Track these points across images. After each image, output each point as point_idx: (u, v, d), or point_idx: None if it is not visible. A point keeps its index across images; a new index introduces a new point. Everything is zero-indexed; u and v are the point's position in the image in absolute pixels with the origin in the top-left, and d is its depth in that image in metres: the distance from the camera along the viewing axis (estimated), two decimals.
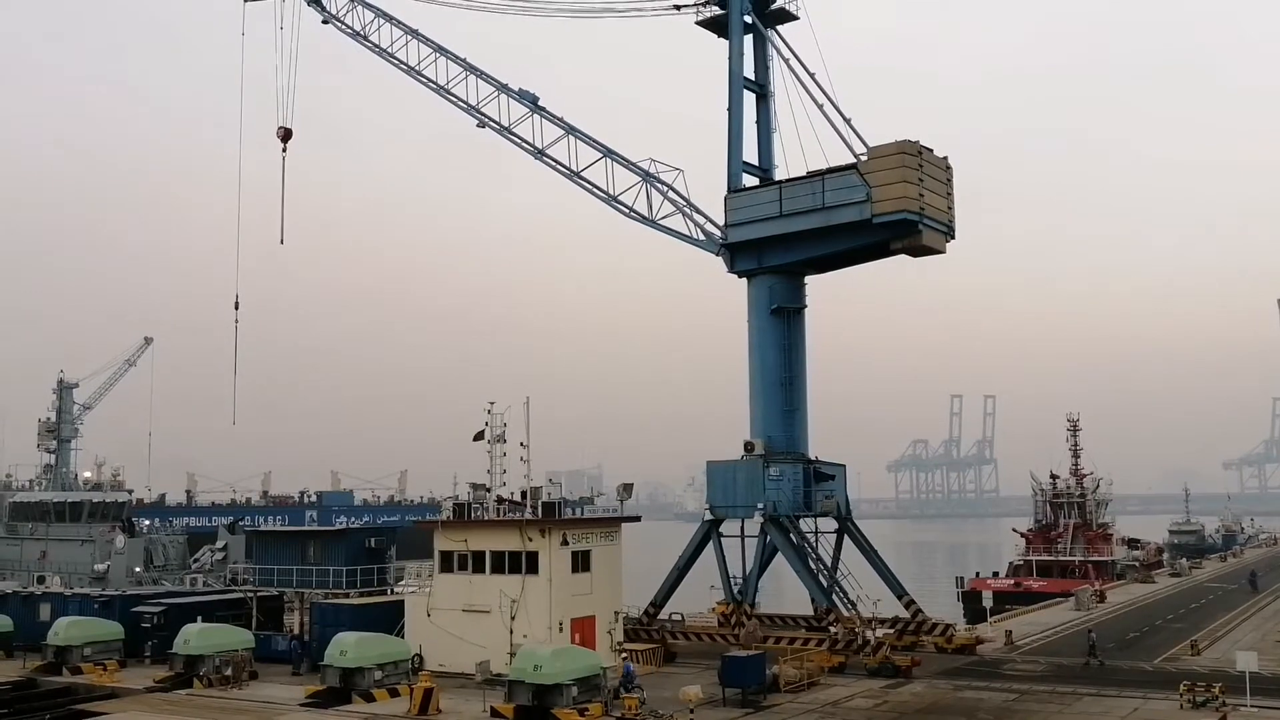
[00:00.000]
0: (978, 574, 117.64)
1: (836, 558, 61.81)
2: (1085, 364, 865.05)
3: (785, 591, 64.05)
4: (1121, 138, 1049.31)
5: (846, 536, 62.79)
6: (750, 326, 63.63)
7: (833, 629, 56.01)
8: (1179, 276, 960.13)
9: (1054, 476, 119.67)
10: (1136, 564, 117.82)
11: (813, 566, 59.85)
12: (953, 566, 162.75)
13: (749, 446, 61.71)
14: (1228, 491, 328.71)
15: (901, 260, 62.20)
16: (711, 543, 62.01)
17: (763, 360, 62.68)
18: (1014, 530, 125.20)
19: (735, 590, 61.41)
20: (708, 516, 62.46)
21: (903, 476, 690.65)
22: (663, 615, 62.26)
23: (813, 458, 62.89)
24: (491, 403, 53.10)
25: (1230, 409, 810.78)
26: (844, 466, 64.14)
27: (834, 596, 58.61)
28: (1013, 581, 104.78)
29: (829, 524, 62.78)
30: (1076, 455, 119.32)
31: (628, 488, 58.65)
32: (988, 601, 71.33)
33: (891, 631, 57.28)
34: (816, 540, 61.30)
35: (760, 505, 59.74)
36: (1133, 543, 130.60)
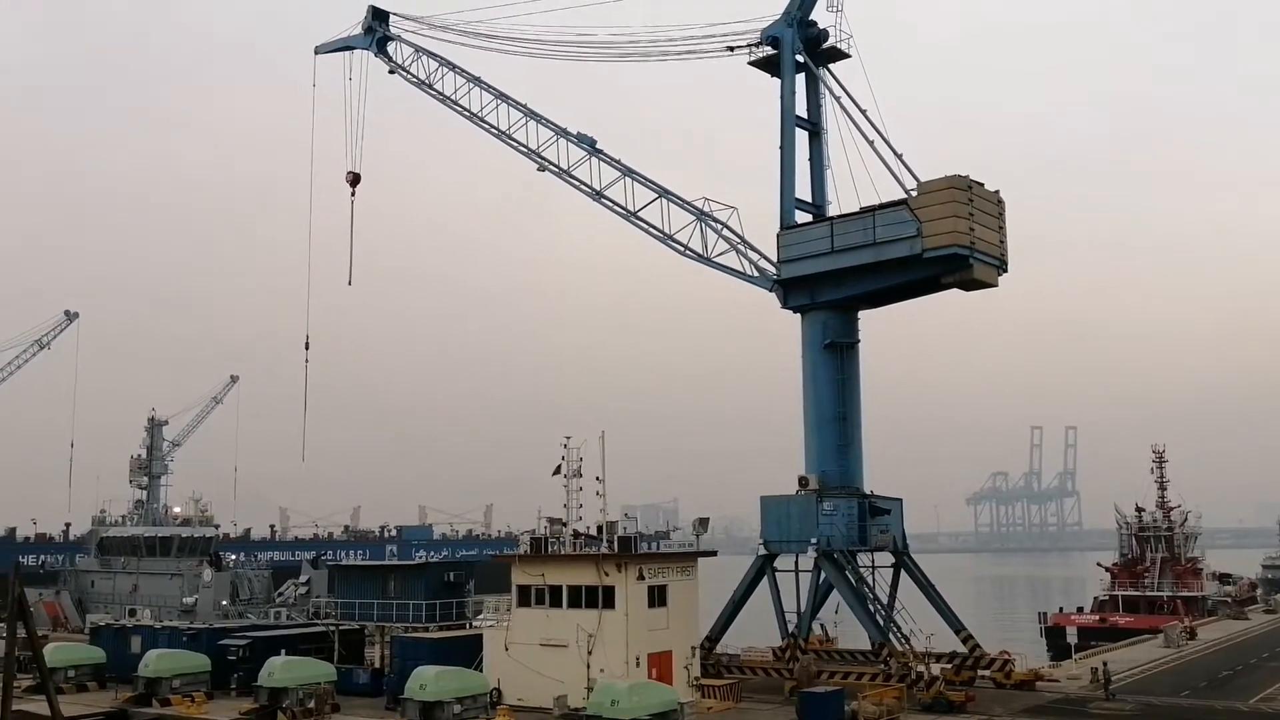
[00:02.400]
0: (1061, 609, 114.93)
1: (893, 593, 61.53)
2: (1171, 392, 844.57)
3: (846, 626, 63.52)
4: (1203, 158, 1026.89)
5: (904, 571, 62.33)
6: (804, 362, 63.99)
7: (887, 663, 55.58)
8: (1269, 297, 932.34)
9: (1139, 509, 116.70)
10: (1228, 600, 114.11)
11: (868, 601, 59.48)
12: (1035, 601, 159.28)
13: (803, 481, 61.94)
14: None
15: (983, 292, 61.81)
16: (766, 578, 62.13)
17: (817, 395, 62.92)
18: (1098, 564, 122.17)
19: (790, 625, 61.28)
20: (761, 551, 62.64)
21: (982, 509, 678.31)
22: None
23: (868, 492, 62.74)
24: (568, 437, 53.73)
25: None
26: (900, 501, 63.85)
27: (890, 631, 58.18)
28: (1098, 617, 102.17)
29: (887, 558, 62.43)
30: (1163, 487, 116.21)
31: (703, 522, 58.65)
32: (1072, 638, 69.69)
33: (949, 666, 56.54)
34: (874, 575, 60.97)
35: (814, 540, 59.68)
36: (1224, 578, 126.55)
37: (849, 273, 61.05)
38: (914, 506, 66.53)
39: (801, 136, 66.74)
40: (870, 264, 59.89)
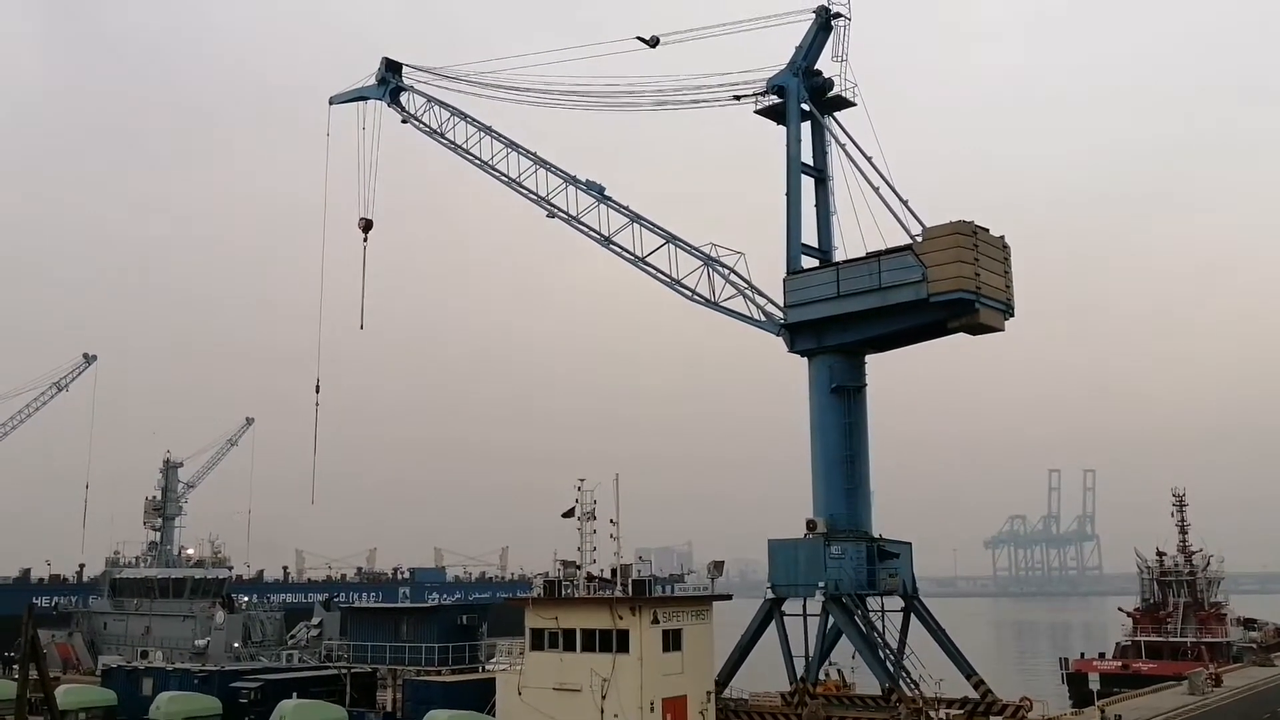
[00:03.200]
0: (1083, 655, 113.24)
1: (903, 637, 60.79)
2: (1192, 434, 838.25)
3: (862, 670, 62.85)
4: (1211, 188, 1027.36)
5: (914, 616, 61.71)
6: (811, 405, 63.85)
7: (897, 709, 54.78)
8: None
9: (1160, 554, 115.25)
10: (1254, 645, 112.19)
11: (877, 646, 58.89)
12: (1055, 647, 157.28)
13: (811, 525, 61.46)
14: None
15: (995, 337, 61.91)
16: (774, 622, 61.53)
17: (824, 439, 62.75)
18: (1120, 609, 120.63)
19: (799, 670, 60.70)
20: (769, 595, 62.12)
21: (1000, 553, 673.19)
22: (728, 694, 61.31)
23: (877, 535, 62.38)
24: (581, 479, 53.41)
25: None
26: (909, 544, 63.35)
27: (899, 676, 57.46)
28: (1120, 663, 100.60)
29: (896, 603, 61.67)
30: (1184, 531, 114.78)
31: (718, 565, 58.22)
32: (1094, 684, 68.60)
33: (962, 712, 55.69)
34: (884, 620, 60.49)
35: (821, 584, 59.20)
36: (1249, 623, 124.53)
37: (855, 317, 61.35)
38: (932, 551, 66.53)
39: (807, 183, 67.26)
40: (876, 308, 60.18)
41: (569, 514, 53.35)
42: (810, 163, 67.32)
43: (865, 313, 60.62)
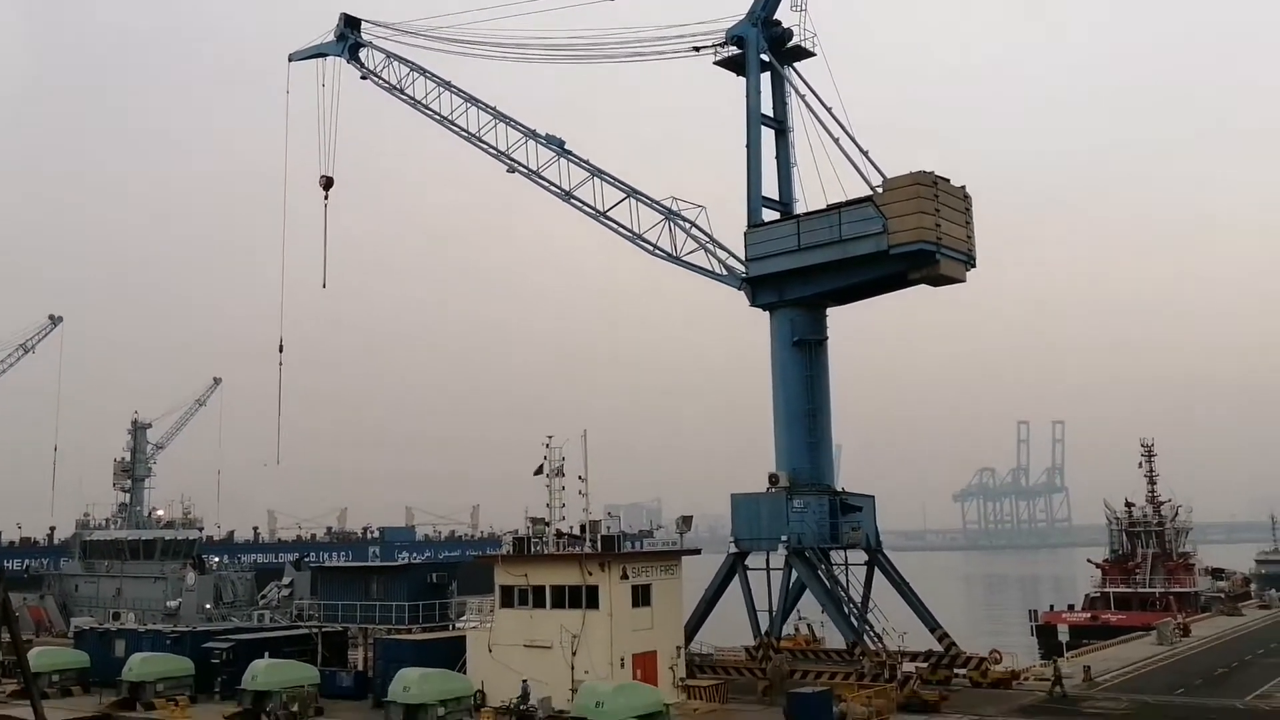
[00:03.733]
0: (1052, 607, 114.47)
1: (867, 591, 61.52)
2: (1160, 386, 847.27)
3: (829, 624, 63.40)
4: (1185, 137, 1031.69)
5: (878, 569, 62.34)
6: (773, 359, 64.21)
7: (860, 663, 55.34)
8: (1258, 288, 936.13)
9: (1129, 505, 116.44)
10: (1222, 595, 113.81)
11: (840, 599, 59.39)
12: (1025, 599, 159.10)
13: (773, 479, 62.05)
14: None
15: (963, 287, 61.92)
16: (737, 576, 62.14)
17: (786, 392, 63.12)
18: (1089, 561, 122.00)
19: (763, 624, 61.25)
20: (733, 549, 62.68)
21: (969, 506, 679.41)
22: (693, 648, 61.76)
23: (840, 489, 62.90)
24: (549, 437, 53.11)
25: None
26: (873, 498, 63.98)
27: (863, 630, 58.14)
28: (1089, 615, 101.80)
29: (861, 556, 62.48)
30: (1152, 482, 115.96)
31: (687, 520, 58.22)
32: (1063, 635, 69.23)
33: (925, 665, 56.19)
34: (847, 573, 61.04)
35: (784, 538, 59.70)
36: (1217, 573, 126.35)
37: (816, 270, 61.50)
38: (901, 504, 67.07)
39: (768, 135, 67.29)
40: (837, 261, 60.37)
41: (538, 471, 53.08)
42: (770, 114, 67.38)
43: (826, 265, 60.76)
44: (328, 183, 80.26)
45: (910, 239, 57.26)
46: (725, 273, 64.76)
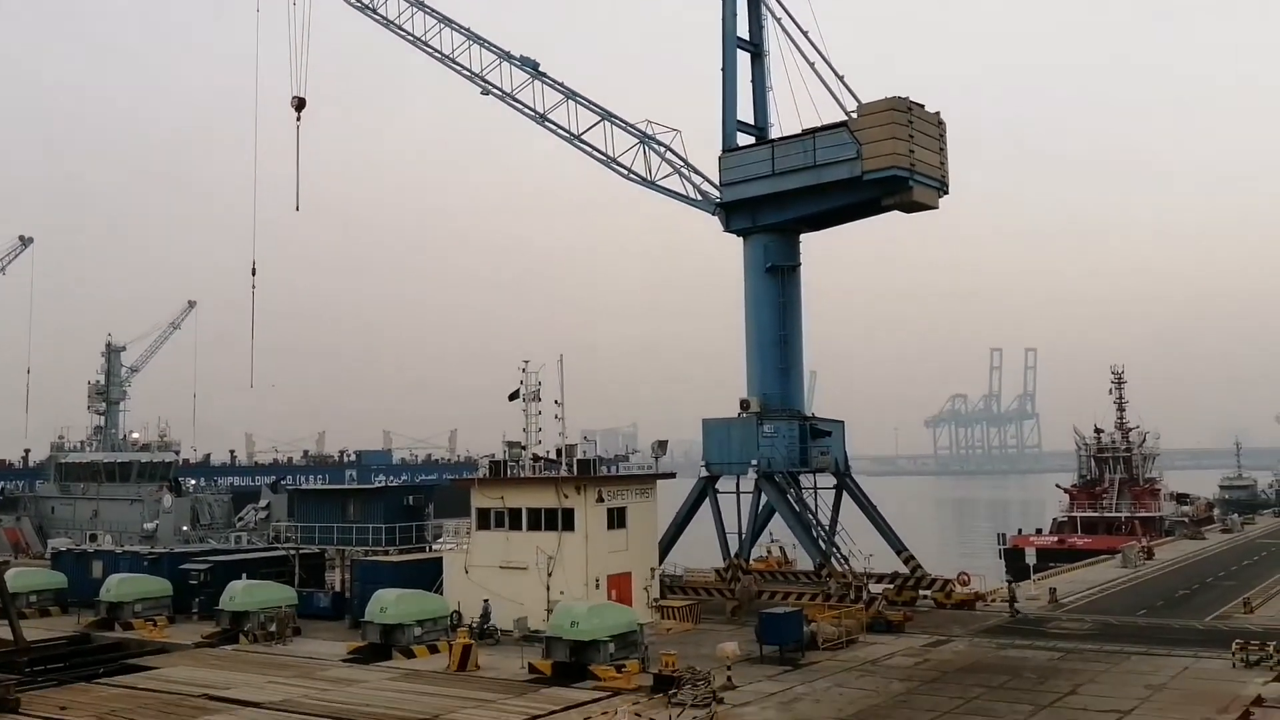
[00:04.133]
0: (1020, 531, 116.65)
1: (835, 514, 62.62)
2: (1132, 315, 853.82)
3: (799, 545, 64.65)
4: (1163, 62, 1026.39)
5: (846, 493, 63.36)
6: (746, 285, 64.38)
7: (827, 584, 56.44)
8: (1226, 224, 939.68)
9: (1098, 431, 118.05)
10: (1186, 520, 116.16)
11: (809, 522, 60.41)
12: (994, 523, 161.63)
13: (744, 404, 62.76)
14: None
15: (935, 214, 62.09)
16: (708, 499, 63.11)
17: (758, 319, 63.50)
18: (1057, 486, 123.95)
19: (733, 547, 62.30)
20: (703, 473, 63.47)
21: (941, 432, 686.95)
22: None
23: (810, 415, 63.75)
24: (525, 361, 53.18)
25: None
26: (842, 423, 64.71)
27: (830, 552, 59.23)
28: (1056, 539, 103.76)
29: (829, 481, 63.36)
30: (1122, 409, 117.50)
31: (662, 445, 58.65)
32: (1031, 559, 70.82)
33: (891, 586, 57.45)
34: (816, 497, 61.99)
35: (754, 462, 60.50)
36: (1182, 498, 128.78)
37: (789, 195, 61.41)
38: (874, 430, 67.76)
39: (744, 59, 66.65)
40: (810, 186, 60.32)
41: (514, 396, 53.23)
42: (746, 37, 66.70)
43: (800, 191, 60.74)
44: (300, 103, 78.87)
45: (883, 165, 57.29)
46: (699, 198, 64.57)
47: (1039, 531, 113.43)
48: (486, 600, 49.36)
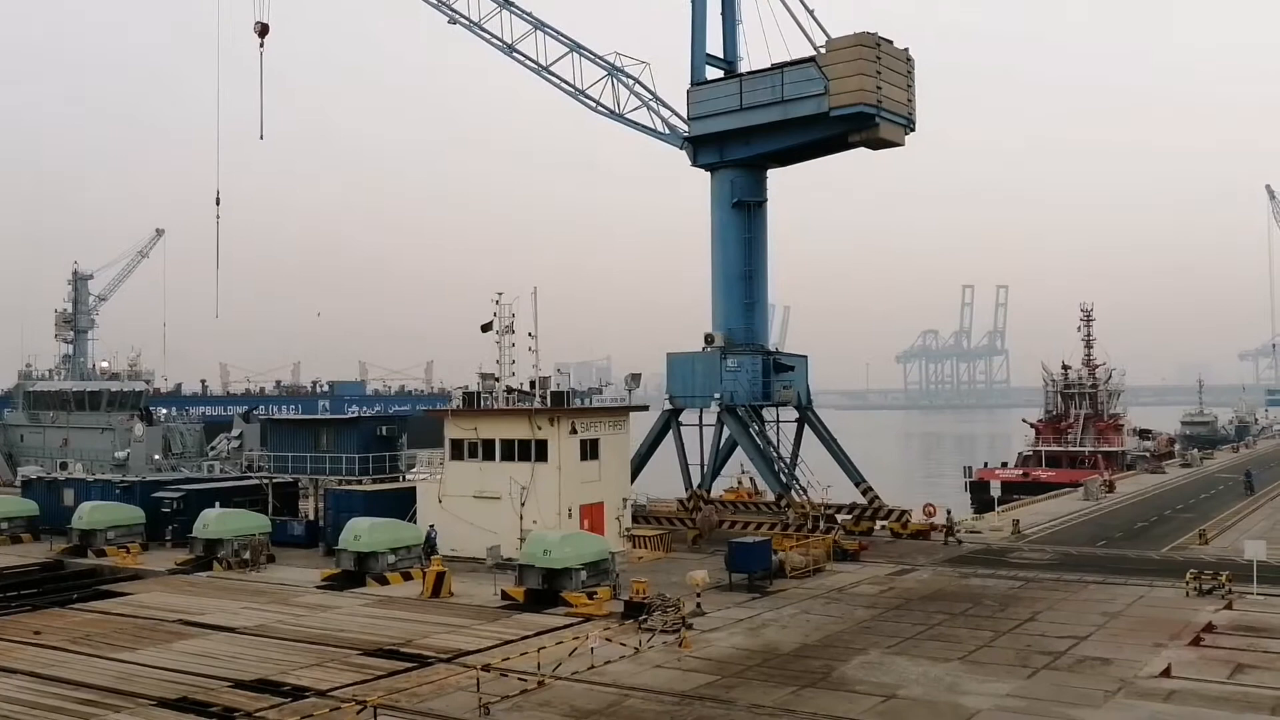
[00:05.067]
0: (986, 464, 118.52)
1: (796, 447, 63.87)
2: (1101, 255, 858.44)
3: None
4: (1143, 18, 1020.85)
5: (808, 426, 64.45)
6: (712, 220, 64.57)
7: (786, 514, 57.55)
8: (1191, 164, 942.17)
9: (1065, 367, 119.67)
10: (1147, 455, 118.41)
11: (770, 455, 61.42)
12: (961, 457, 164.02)
13: (709, 339, 63.50)
14: (1243, 383, 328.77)
15: (911, 151, 62.42)
16: (671, 431, 63.95)
17: (724, 253, 63.83)
18: (1024, 421, 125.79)
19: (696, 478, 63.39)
20: (667, 406, 64.31)
21: (912, 367, 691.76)
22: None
23: (774, 349, 64.60)
24: (499, 293, 53.20)
25: (1247, 299, 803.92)
26: (805, 358, 65.80)
27: (790, 484, 60.40)
28: (1021, 472, 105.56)
29: (793, 414, 64.52)
30: (1089, 346, 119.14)
31: (635, 378, 59.25)
32: (995, 491, 71.98)
33: (849, 517, 58.64)
34: (778, 430, 63.10)
35: (717, 395, 61.27)
36: (1144, 434, 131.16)
37: (757, 130, 61.38)
38: (845, 365, 68.52)
39: None
40: (778, 121, 60.26)
41: (487, 327, 53.29)
42: None
43: (767, 126, 60.73)
44: (263, 29, 76.98)
45: (851, 101, 57.31)
46: (667, 131, 64.45)
47: (1005, 465, 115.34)
48: (432, 526, 50.21)
